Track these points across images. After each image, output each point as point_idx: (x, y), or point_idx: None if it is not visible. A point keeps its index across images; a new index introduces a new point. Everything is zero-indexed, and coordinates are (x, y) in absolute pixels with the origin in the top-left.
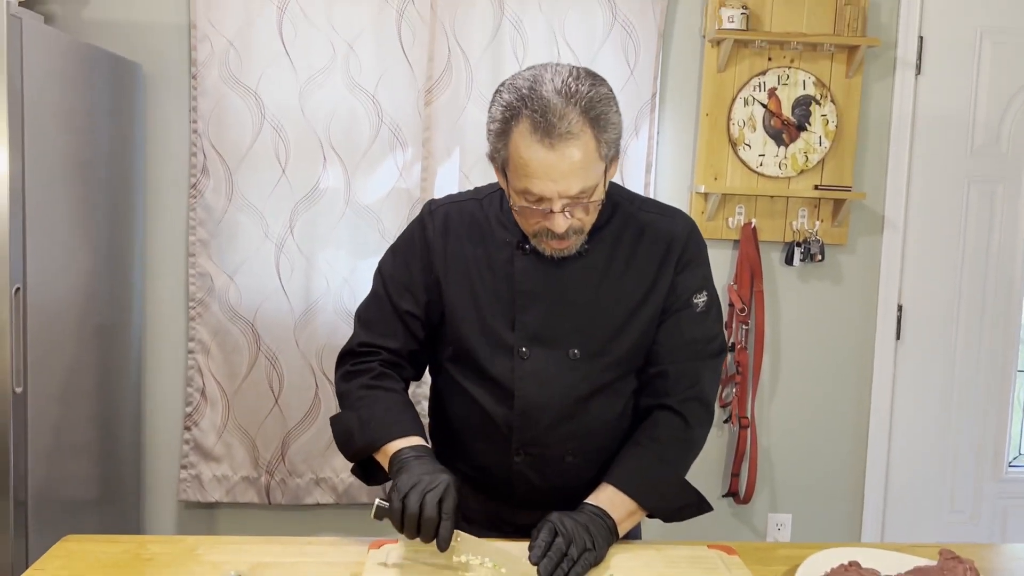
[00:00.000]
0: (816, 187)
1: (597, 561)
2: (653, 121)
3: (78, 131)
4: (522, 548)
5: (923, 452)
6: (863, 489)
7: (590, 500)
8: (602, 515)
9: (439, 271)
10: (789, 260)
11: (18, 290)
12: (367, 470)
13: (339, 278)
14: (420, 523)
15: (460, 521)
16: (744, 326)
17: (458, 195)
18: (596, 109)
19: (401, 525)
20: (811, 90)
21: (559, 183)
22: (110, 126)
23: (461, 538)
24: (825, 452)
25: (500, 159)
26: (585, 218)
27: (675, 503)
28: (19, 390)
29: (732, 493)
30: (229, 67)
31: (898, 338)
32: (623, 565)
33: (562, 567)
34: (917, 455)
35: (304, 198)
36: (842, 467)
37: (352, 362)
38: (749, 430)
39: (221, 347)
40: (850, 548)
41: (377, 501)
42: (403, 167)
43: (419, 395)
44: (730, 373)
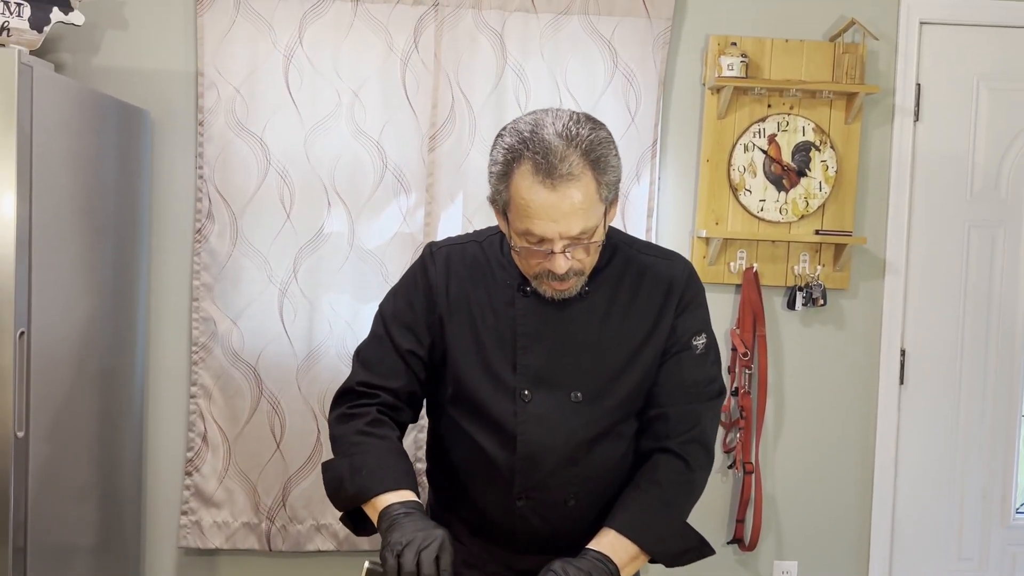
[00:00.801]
0: (817, 232)
1: None
2: (654, 167)
3: (86, 176)
4: None
5: (929, 498)
6: (869, 536)
7: (592, 545)
8: (604, 560)
9: (442, 311)
10: (791, 304)
11: (23, 334)
12: (356, 519)
13: (342, 322)
14: None
15: (460, 567)
16: (747, 370)
17: (458, 237)
18: (596, 152)
19: None
20: (811, 136)
21: (560, 224)
22: (117, 171)
23: None
24: (830, 498)
25: (501, 201)
26: (585, 259)
27: (677, 547)
28: (21, 434)
29: (737, 540)
30: (235, 114)
31: (901, 383)
32: None
33: None
34: (923, 501)
35: (308, 243)
36: (847, 514)
37: (349, 404)
38: (753, 475)
39: (223, 391)
40: None
41: (367, 564)
42: (407, 212)
43: (421, 440)
44: (734, 418)
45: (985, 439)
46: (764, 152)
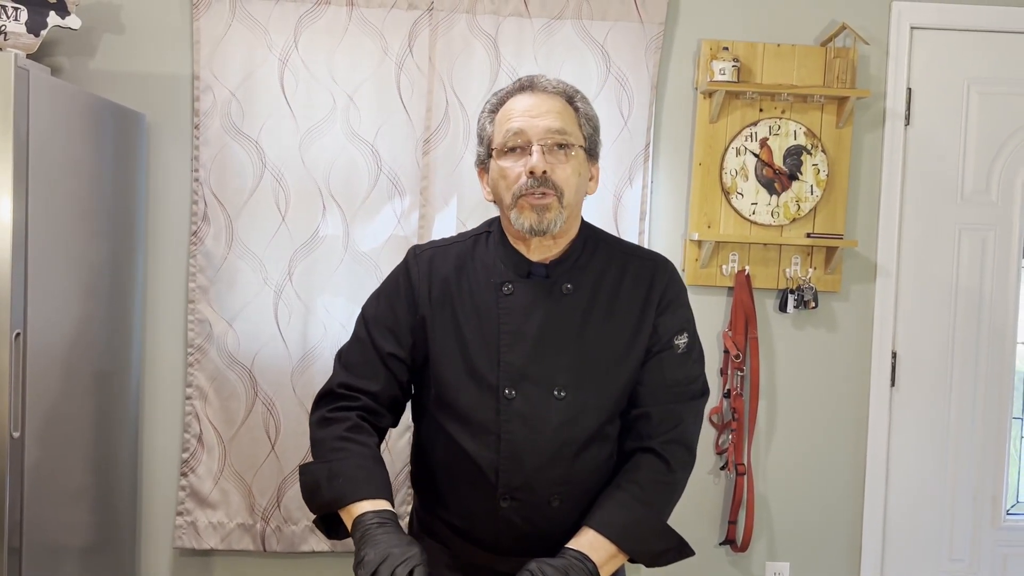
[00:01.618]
0: (808, 235)
1: None
2: (647, 170)
3: (82, 179)
4: None
5: (920, 500)
6: (861, 537)
7: (571, 544)
8: (582, 559)
9: (425, 313)
10: (783, 307)
11: (18, 335)
12: (329, 524)
13: (337, 324)
14: None
15: (443, 569)
16: (739, 373)
17: (441, 240)
18: (578, 97)
19: None
20: (802, 140)
21: (539, 119)
22: (113, 174)
23: None
24: (822, 500)
25: (487, 136)
26: (565, 173)
27: (656, 547)
28: (16, 435)
29: (729, 541)
30: (231, 117)
31: (893, 385)
32: None
33: None
34: (914, 503)
35: (303, 245)
36: (839, 515)
37: (329, 407)
38: (746, 477)
39: (219, 393)
40: None
41: None
42: (401, 215)
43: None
44: (726, 420)
45: (976, 441)
46: (756, 156)
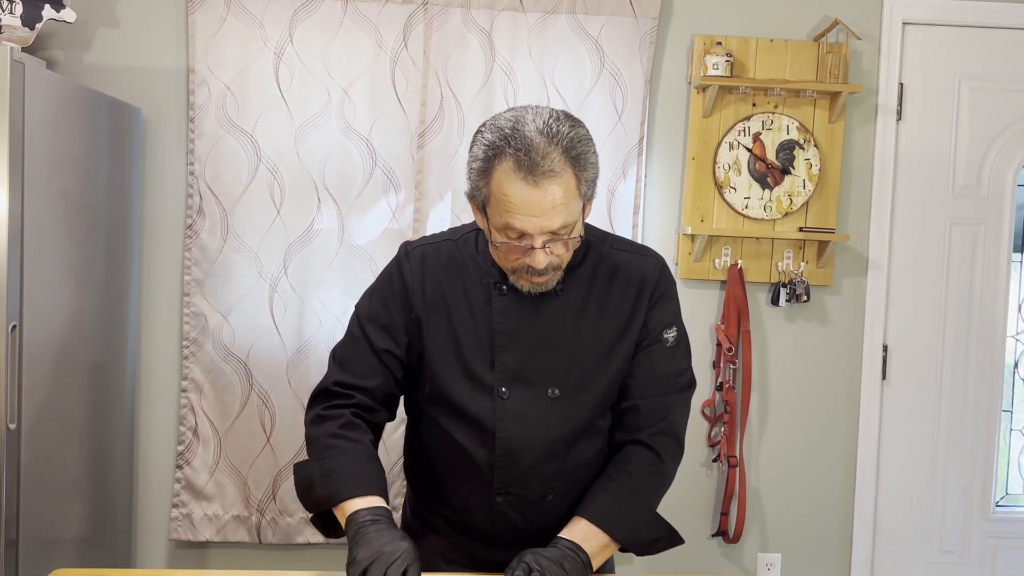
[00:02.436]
0: (800, 229)
1: None
2: (640, 165)
3: (77, 172)
4: None
5: (911, 492)
6: (852, 528)
7: (563, 534)
8: (576, 549)
9: (419, 311)
10: (775, 301)
11: (14, 327)
12: (326, 521)
13: (332, 317)
14: None
15: (438, 560)
16: (731, 366)
17: (433, 236)
18: (576, 149)
19: None
20: (795, 135)
21: (541, 219)
22: (109, 167)
23: None
24: (813, 491)
25: (481, 197)
26: (563, 254)
27: (647, 536)
28: (13, 427)
29: (722, 532)
30: (226, 111)
31: (884, 378)
32: None
33: None
34: (905, 495)
35: (298, 239)
36: (830, 507)
37: (324, 405)
38: (738, 469)
39: (214, 386)
40: None
41: None
42: (396, 209)
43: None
44: (718, 412)
45: (966, 433)
46: (749, 150)
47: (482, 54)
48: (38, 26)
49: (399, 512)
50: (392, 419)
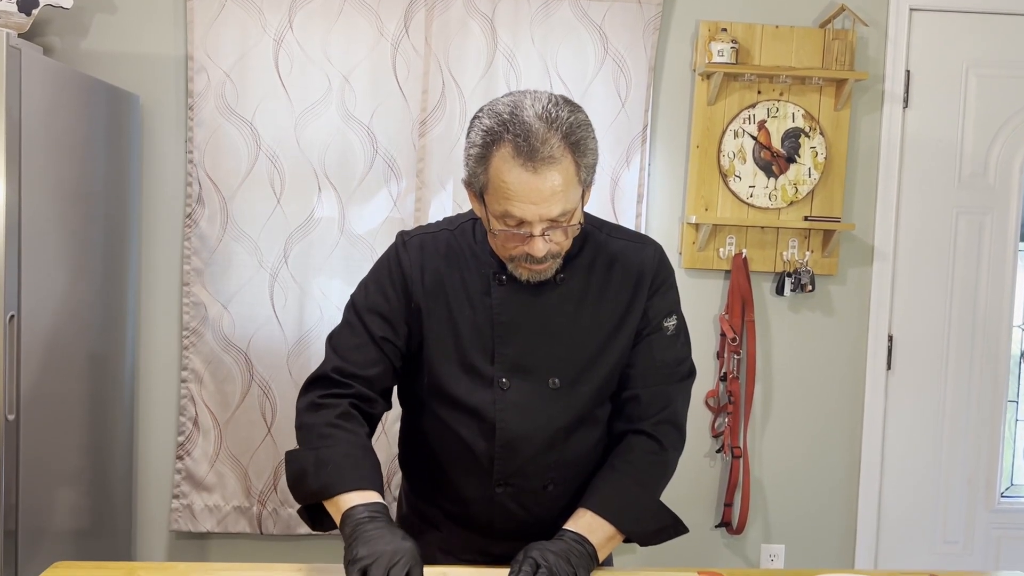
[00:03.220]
0: (806, 218)
1: None
2: (644, 153)
3: (75, 160)
4: None
5: (915, 482)
6: (856, 520)
7: (568, 526)
8: (582, 542)
9: (419, 300)
10: (780, 290)
11: (12, 317)
12: (314, 514)
13: (332, 307)
14: None
15: (436, 552)
16: (736, 356)
17: (430, 226)
18: (576, 134)
19: None
20: (800, 123)
21: (540, 206)
22: (107, 156)
23: None
24: (817, 482)
25: (478, 184)
26: (563, 242)
27: (652, 526)
28: (11, 417)
29: (725, 523)
30: (225, 98)
31: (889, 368)
32: None
33: None
34: (909, 485)
35: (299, 228)
36: (834, 497)
37: (320, 393)
38: (741, 460)
39: (214, 376)
40: (842, 574)
41: None
42: (397, 197)
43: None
44: (722, 403)
45: (971, 424)
46: (754, 138)
47: (484, 41)
48: (35, 12)
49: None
50: (389, 408)
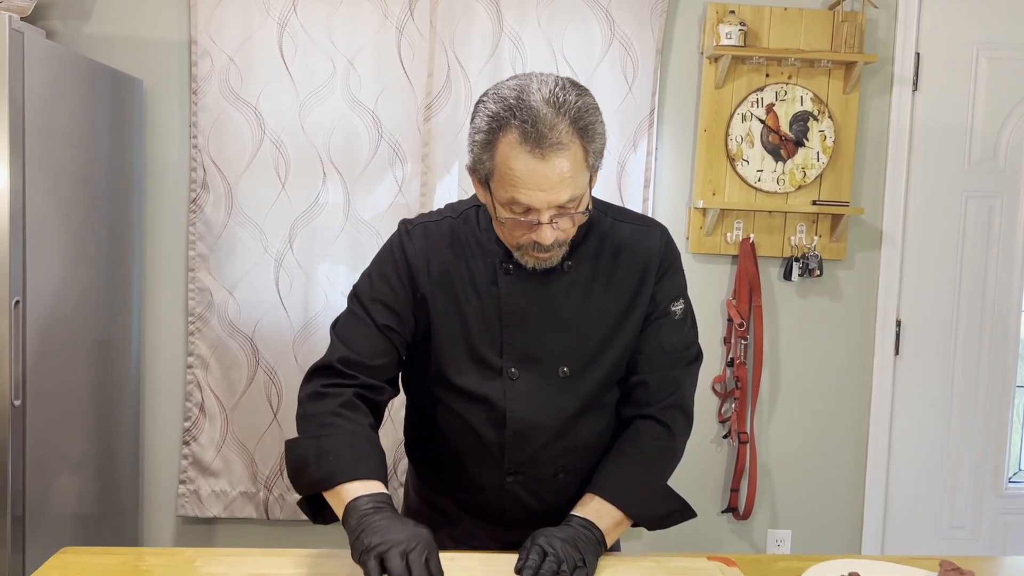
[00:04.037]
0: (814, 202)
1: None
2: (651, 137)
3: (79, 145)
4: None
5: (923, 468)
6: (863, 505)
7: (576, 512)
8: (589, 527)
9: (424, 290)
10: (787, 275)
11: (18, 303)
12: (315, 505)
13: (338, 293)
14: None
15: (446, 540)
16: (743, 341)
17: (432, 213)
18: (584, 119)
19: None
20: (808, 106)
21: (548, 193)
22: (111, 140)
23: None
24: (824, 468)
25: (484, 170)
26: (570, 229)
27: (660, 511)
28: (18, 403)
29: (732, 509)
30: (229, 83)
31: (897, 353)
32: None
33: None
34: (917, 471)
35: (304, 213)
36: (841, 483)
37: (324, 382)
38: (748, 445)
39: (220, 362)
40: (850, 560)
41: None
42: (402, 182)
43: None
44: (729, 388)
45: (979, 409)
46: (762, 122)
47: (490, 24)
48: None
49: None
50: (397, 394)
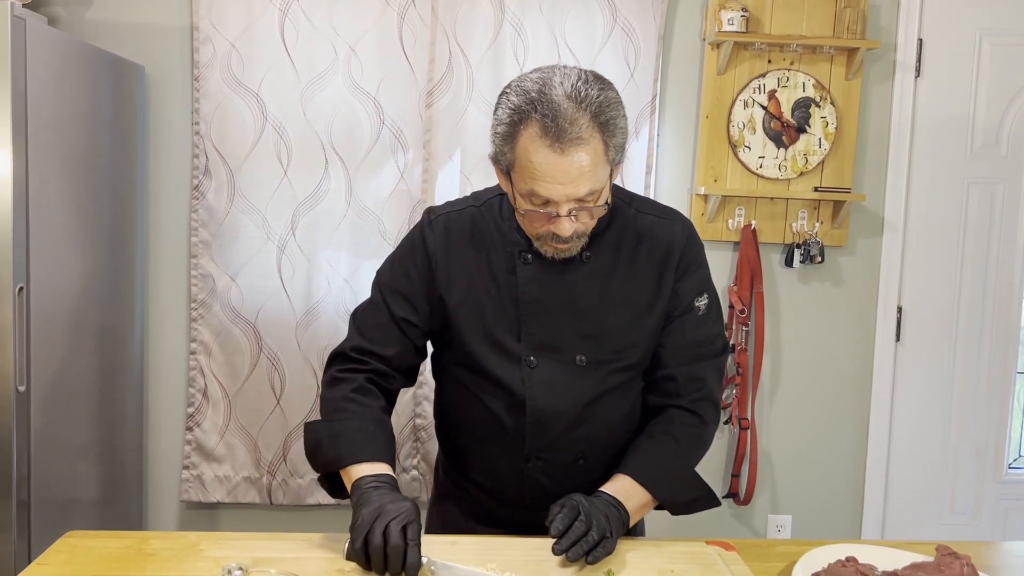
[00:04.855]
0: (816, 189)
1: (610, 551)
2: (653, 123)
3: (81, 132)
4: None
5: (923, 454)
6: (863, 491)
7: (606, 489)
8: (617, 506)
9: (442, 280)
10: (789, 262)
11: (21, 289)
12: (333, 482)
13: (340, 279)
14: (386, 554)
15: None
16: (744, 327)
17: (457, 202)
18: (606, 114)
19: (367, 560)
20: (811, 92)
21: (567, 187)
22: (113, 127)
23: (435, 565)
24: (825, 454)
25: (505, 161)
26: (589, 222)
27: (686, 496)
28: (22, 389)
29: (732, 494)
30: (231, 69)
31: (898, 340)
32: (622, 560)
33: (582, 544)
34: (917, 457)
35: (306, 200)
36: (842, 469)
37: (339, 368)
38: (749, 431)
39: (223, 348)
40: (848, 544)
41: (348, 543)
42: (404, 169)
43: (420, 395)
44: (730, 374)
45: (980, 395)
46: (764, 108)
47: (491, 10)
48: None
49: (410, 473)
50: (410, 384)
